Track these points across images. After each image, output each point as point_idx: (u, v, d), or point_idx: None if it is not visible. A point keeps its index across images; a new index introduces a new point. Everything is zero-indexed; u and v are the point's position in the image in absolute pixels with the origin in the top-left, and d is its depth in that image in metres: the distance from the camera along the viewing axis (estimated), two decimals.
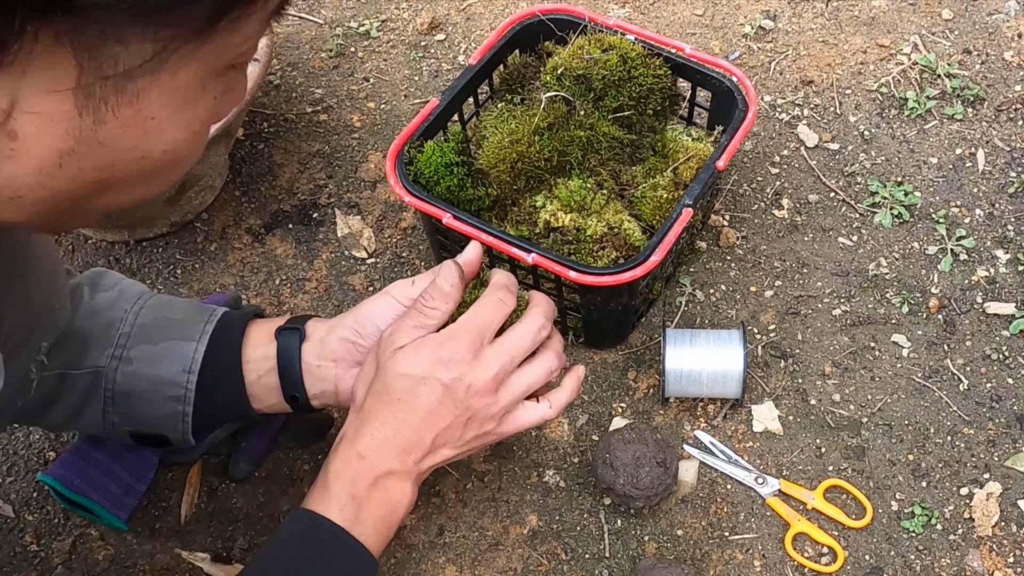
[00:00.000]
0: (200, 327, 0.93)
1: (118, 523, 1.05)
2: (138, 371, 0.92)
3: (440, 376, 0.83)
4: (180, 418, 0.93)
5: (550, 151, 1.16)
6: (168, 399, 0.92)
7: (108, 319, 0.93)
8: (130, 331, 0.93)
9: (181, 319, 0.94)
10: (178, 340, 0.92)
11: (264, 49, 1.23)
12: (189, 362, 0.91)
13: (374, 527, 0.83)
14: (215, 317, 0.94)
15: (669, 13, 1.51)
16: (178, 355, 0.91)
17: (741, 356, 1.09)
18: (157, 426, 0.94)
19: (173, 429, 0.94)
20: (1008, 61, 1.42)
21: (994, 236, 1.26)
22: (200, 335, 0.92)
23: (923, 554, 1.04)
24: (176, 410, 0.92)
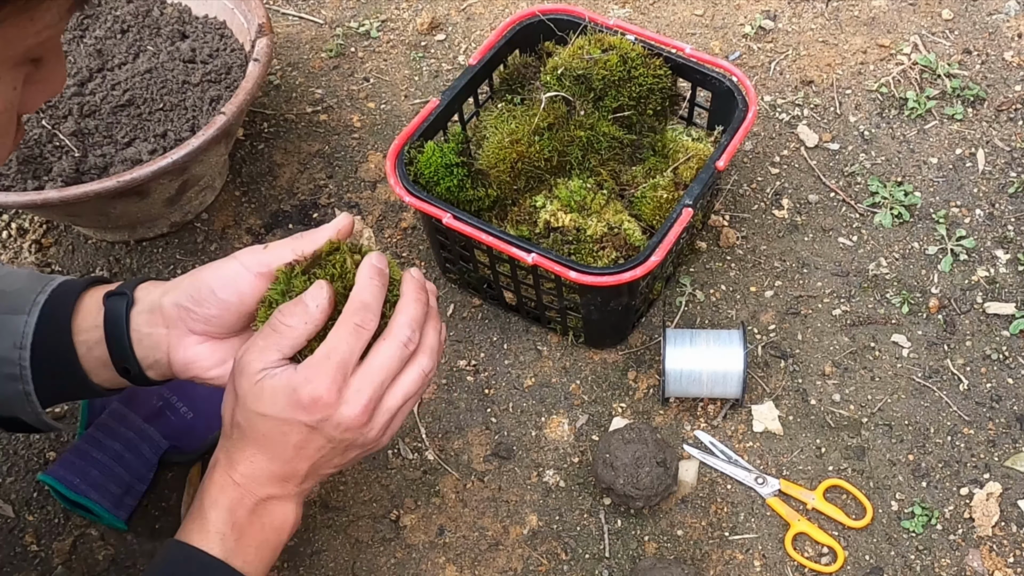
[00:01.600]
0: (31, 298, 0.85)
1: (118, 523, 1.05)
2: None
3: (303, 419, 0.76)
4: (23, 398, 0.85)
5: (550, 151, 1.16)
6: (5, 378, 0.84)
7: None
8: None
9: (14, 291, 0.86)
10: (8, 314, 0.84)
11: (264, 49, 1.23)
12: (20, 337, 0.84)
13: (257, 553, 0.78)
14: (49, 287, 0.86)
15: (669, 13, 1.51)
16: (8, 330, 0.84)
17: (741, 356, 1.09)
18: (6, 407, 0.87)
19: (23, 410, 0.87)
20: (1008, 61, 1.42)
21: (994, 236, 1.26)
22: (31, 307, 0.85)
23: (923, 554, 1.04)
24: (17, 389, 0.85)
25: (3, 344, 0.84)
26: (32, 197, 1.10)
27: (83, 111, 1.25)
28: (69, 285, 0.88)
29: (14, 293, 0.86)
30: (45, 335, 0.85)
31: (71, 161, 1.20)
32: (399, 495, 1.09)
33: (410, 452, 1.12)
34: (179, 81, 1.28)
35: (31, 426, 0.90)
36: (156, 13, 1.37)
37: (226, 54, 1.31)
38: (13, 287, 0.87)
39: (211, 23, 1.35)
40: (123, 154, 1.22)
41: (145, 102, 1.27)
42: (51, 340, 0.85)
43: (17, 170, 1.18)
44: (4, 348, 0.84)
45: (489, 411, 1.15)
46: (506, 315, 1.22)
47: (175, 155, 1.12)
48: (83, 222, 1.28)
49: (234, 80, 1.28)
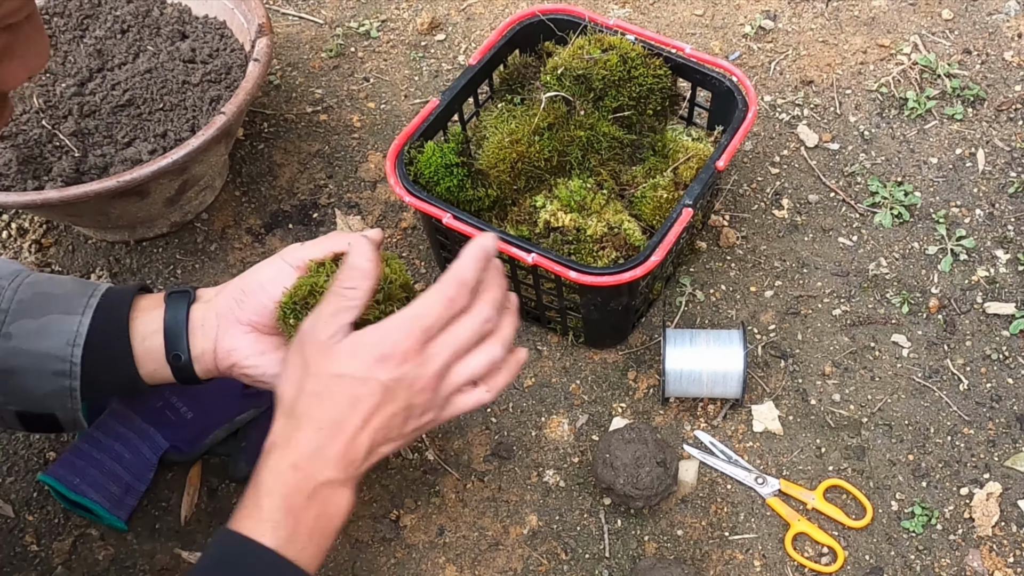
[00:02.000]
0: (84, 300, 0.90)
1: (118, 523, 1.05)
2: (19, 346, 0.88)
3: (380, 376, 0.77)
4: (68, 394, 0.89)
5: (550, 151, 1.16)
6: (53, 374, 0.88)
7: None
8: (8, 307, 0.90)
9: (63, 294, 0.91)
10: (61, 314, 0.89)
11: (264, 49, 1.23)
12: (73, 335, 0.88)
13: (311, 540, 0.78)
14: (99, 291, 0.91)
15: (669, 13, 1.51)
16: (61, 328, 0.88)
17: (741, 356, 1.09)
18: (44, 404, 0.91)
19: (62, 407, 0.91)
20: (1008, 61, 1.42)
21: (994, 236, 1.26)
22: (84, 308, 0.89)
23: (923, 554, 1.04)
24: (63, 385, 0.89)
25: (56, 342, 0.88)
26: (32, 197, 1.10)
27: (83, 111, 1.25)
28: (119, 289, 0.93)
29: (64, 296, 0.91)
30: (99, 333, 0.89)
31: (71, 161, 1.20)
32: (399, 495, 1.09)
33: (410, 452, 1.12)
34: (179, 81, 1.28)
35: (55, 425, 0.93)
36: (156, 13, 1.37)
37: (226, 54, 1.31)
38: (61, 291, 0.91)
39: (211, 23, 1.35)
40: (123, 154, 1.22)
41: (145, 102, 1.27)
42: (106, 337, 0.89)
43: (17, 170, 1.18)
44: (56, 346, 0.88)
45: (489, 411, 1.15)
46: None
47: (175, 155, 1.12)
48: (83, 222, 1.28)
49: (234, 80, 1.28)
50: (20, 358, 0.89)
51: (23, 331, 0.89)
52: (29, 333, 0.88)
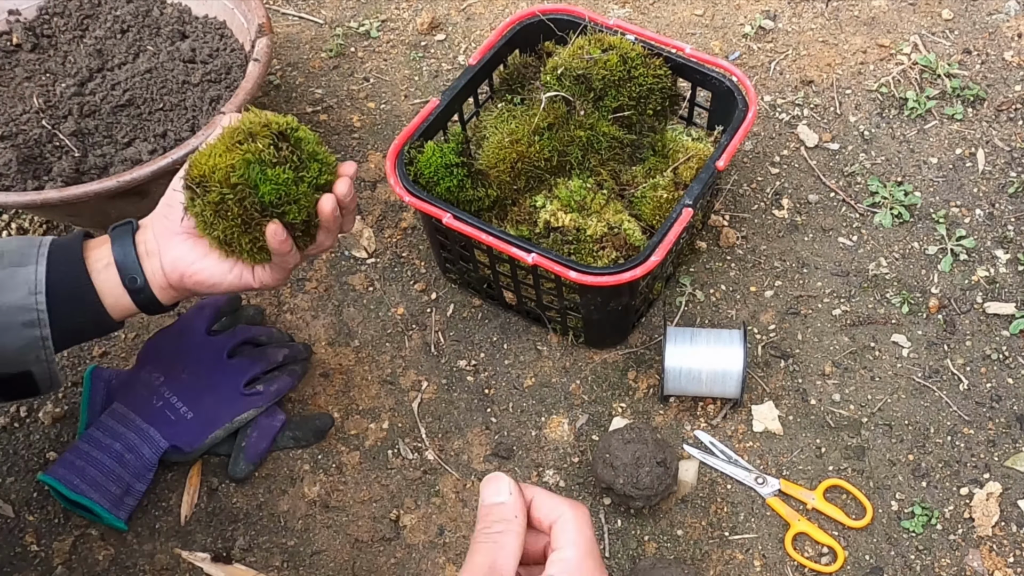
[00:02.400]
0: (34, 251, 0.91)
1: (118, 523, 1.05)
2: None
3: None
4: (40, 344, 0.89)
5: (550, 151, 1.16)
6: (22, 325, 0.88)
7: None
8: None
9: (11, 249, 0.91)
10: (15, 267, 0.89)
11: (264, 49, 1.23)
12: (33, 283, 0.89)
13: None
14: (45, 242, 0.92)
15: (669, 13, 1.51)
16: (19, 280, 0.89)
17: (741, 356, 1.09)
18: (18, 361, 0.90)
19: (36, 360, 0.90)
20: (1008, 61, 1.42)
21: (994, 236, 1.26)
22: (37, 257, 0.90)
23: (923, 554, 1.04)
24: (34, 336, 0.89)
25: (17, 294, 0.88)
26: (32, 197, 1.10)
27: (83, 111, 1.25)
28: (66, 237, 0.94)
29: (13, 251, 0.91)
30: (58, 277, 0.90)
31: (71, 161, 1.20)
32: (399, 495, 1.09)
33: (410, 452, 1.12)
34: (179, 81, 1.28)
35: (33, 387, 0.93)
36: (156, 13, 1.37)
37: (226, 54, 1.31)
38: (9, 247, 0.91)
39: (211, 23, 1.35)
40: (123, 154, 1.22)
41: (145, 102, 1.27)
42: (66, 280, 0.90)
43: (17, 170, 1.18)
44: (18, 297, 0.88)
45: (489, 411, 1.15)
46: (506, 315, 1.22)
47: (175, 155, 1.12)
48: (83, 222, 1.28)
49: (234, 80, 1.28)
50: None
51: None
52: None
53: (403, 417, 1.15)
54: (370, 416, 1.15)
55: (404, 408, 1.15)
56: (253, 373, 1.11)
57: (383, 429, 1.14)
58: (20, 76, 1.30)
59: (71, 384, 1.18)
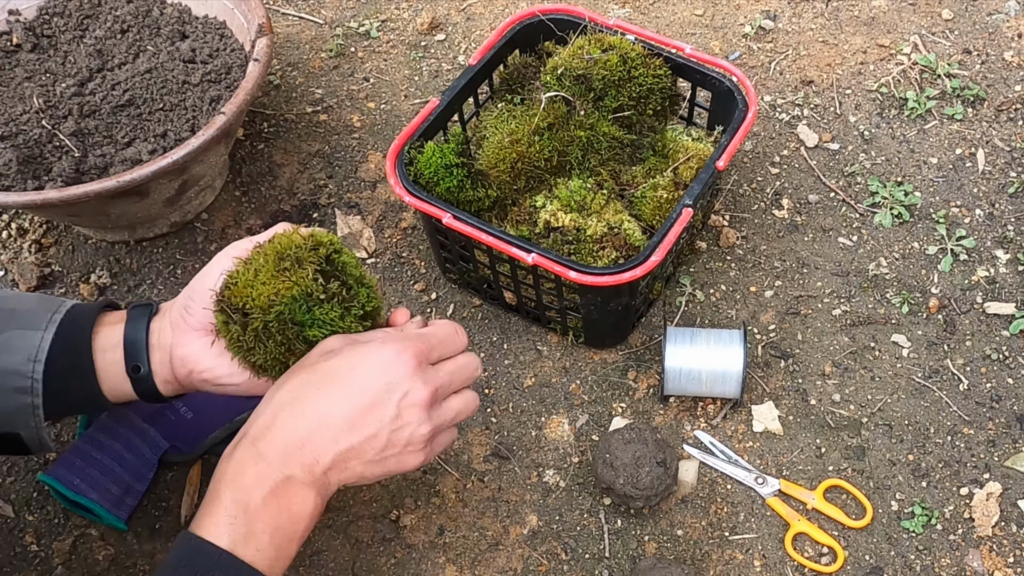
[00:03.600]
0: (47, 316, 0.88)
1: (118, 523, 1.05)
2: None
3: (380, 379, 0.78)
4: (30, 411, 0.87)
5: (550, 151, 1.16)
6: (14, 391, 0.86)
7: None
8: None
9: (27, 310, 0.89)
10: (22, 329, 0.87)
11: (264, 49, 1.23)
12: (35, 351, 0.86)
13: (271, 541, 0.76)
14: (64, 307, 0.90)
15: (669, 13, 1.51)
16: (22, 344, 0.86)
17: (741, 356, 1.09)
18: (7, 422, 0.88)
19: (25, 425, 0.88)
20: (1008, 61, 1.42)
21: (994, 236, 1.26)
22: (47, 324, 0.88)
23: (923, 554, 1.04)
24: (25, 403, 0.87)
25: (16, 358, 0.86)
26: (32, 197, 1.10)
27: (83, 111, 1.25)
28: (84, 306, 0.91)
29: (27, 312, 0.89)
30: (61, 349, 0.87)
31: (71, 161, 1.20)
32: (399, 495, 1.09)
33: None
34: (179, 81, 1.28)
35: (22, 447, 0.91)
36: (156, 13, 1.37)
37: (226, 54, 1.31)
38: (25, 306, 0.90)
39: (211, 23, 1.35)
40: (123, 154, 1.22)
41: (145, 102, 1.27)
42: (68, 353, 0.87)
43: (17, 170, 1.18)
44: (17, 362, 0.86)
45: (489, 411, 1.15)
46: (506, 315, 1.22)
47: (175, 155, 1.12)
48: (83, 222, 1.28)
49: (234, 80, 1.28)
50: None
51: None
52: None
53: None
54: None
55: None
56: None
57: None
58: (20, 76, 1.30)
59: None
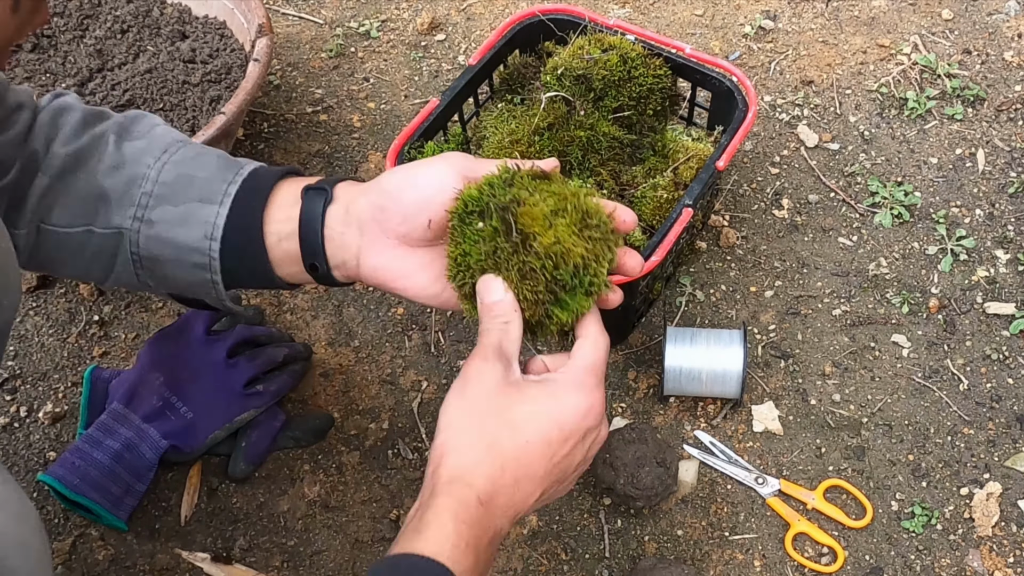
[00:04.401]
0: (223, 188, 0.85)
1: (118, 523, 1.05)
2: (160, 235, 0.85)
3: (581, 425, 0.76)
4: (210, 285, 0.86)
5: (550, 151, 1.16)
6: (192, 266, 0.85)
7: (130, 175, 0.86)
8: (152, 190, 0.86)
9: (205, 177, 0.86)
10: (200, 203, 0.85)
11: (264, 49, 1.23)
12: (211, 227, 0.84)
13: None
14: (240, 176, 0.86)
15: (669, 13, 1.51)
16: (199, 219, 0.84)
17: (741, 356, 1.09)
18: (191, 292, 0.89)
19: (207, 295, 0.88)
20: (1008, 61, 1.42)
21: (994, 236, 1.26)
22: (223, 197, 0.85)
23: (923, 554, 1.04)
24: (204, 278, 0.86)
25: (194, 233, 0.84)
26: None
27: None
28: (263, 173, 0.87)
29: (204, 180, 0.86)
30: (237, 226, 0.84)
31: None
32: (399, 495, 1.09)
33: (410, 452, 1.12)
34: (179, 81, 1.28)
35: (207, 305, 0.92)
36: (156, 13, 1.37)
37: (226, 54, 1.31)
38: (203, 173, 0.86)
39: (211, 23, 1.35)
40: None
41: (145, 102, 1.27)
42: (242, 232, 0.85)
43: None
44: (195, 238, 0.84)
45: None
46: None
47: None
48: None
49: (234, 80, 1.28)
50: (162, 247, 0.86)
51: (164, 218, 0.85)
52: (169, 222, 0.85)
53: (403, 417, 1.15)
54: (370, 416, 1.15)
55: (404, 408, 1.15)
56: (253, 373, 1.10)
57: (383, 429, 1.14)
58: (20, 76, 1.30)
59: (71, 384, 1.18)
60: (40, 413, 1.16)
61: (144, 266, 0.87)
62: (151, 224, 0.85)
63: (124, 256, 0.87)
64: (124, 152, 0.88)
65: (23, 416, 1.17)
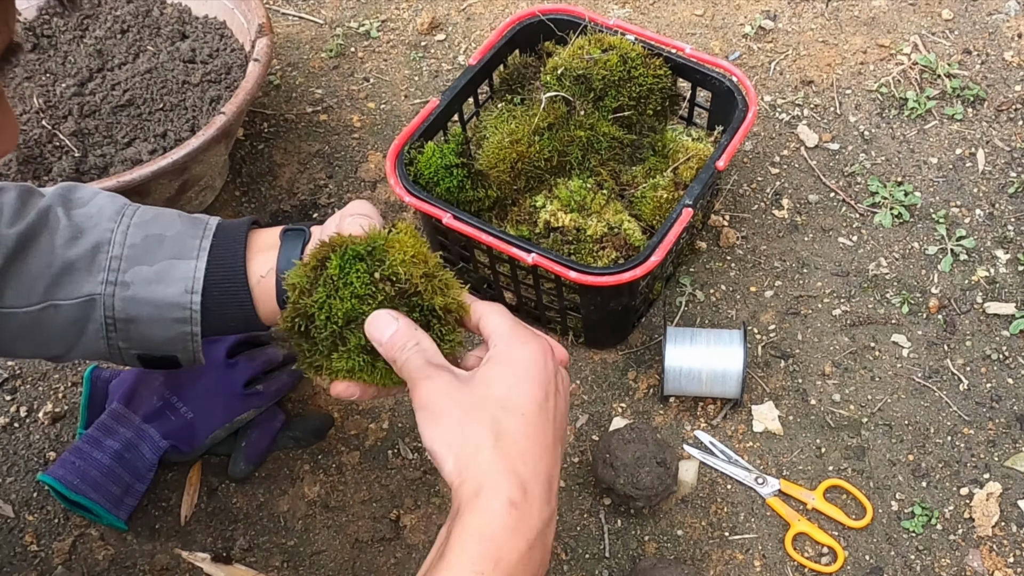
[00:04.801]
0: (196, 243, 0.88)
1: (118, 523, 1.05)
2: (136, 295, 0.87)
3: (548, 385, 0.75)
4: (188, 338, 0.89)
5: (550, 151, 1.16)
6: (173, 321, 0.87)
7: (94, 242, 0.88)
8: (121, 253, 0.87)
9: (174, 235, 0.89)
10: (175, 259, 0.87)
11: (264, 49, 1.23)
12: (191, 281, 0.86)
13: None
14: (210, 230, 0.89)
15: (669, 13, 1.51)
16: (177, 275, 0.87)
17: (741, 356, 1.09)
18: (165, 348, 0.90)
19: (183, 350, 0.90)
20: (1008, 61, 1.42)
21: (994, 236, 1.26)
22: (199, 252, 0.87)
23: (923, 554, 1.04)
24: (183, 331, 0.88)
25: (173, 289, 0.86)
26: None
27: (83, 111, 1.25)
28: (230, 224, 0.90)
29: (174, 238, 0.88)
30: (216, 278, 0.87)
31: (71, 161, 1.20)
32: (399, 495, 1.09)
33: (410, 452, 1.12)
34: (179, 81, 1.28)
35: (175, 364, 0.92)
36: (156, 13, 1.37)
37: (226, 54, 1.31)
38: (171, 231, 0.89)
39: (211, 23, 1.35)
40: (123, 154, 1.22)
41: (145, 102, 1.27)
42: (224, 282, 0.87)
43: (17, 170, 1.18)
44: (174, 293, 0.86)
45: None
46: None
47: (175, 155, 1.12)
48: None
49: (234, 80, 1.28)
50: (140, 307, 0.87)
51: (139, 278, 0.87)
52: (146, 281, 0.86)
53: (403, 417, 1.15)
54: (370, 416, 1.15)
55: (404, 408, 1.15)
56: (253, 373, 1.10)
57: (383, 429, 1.14)
58: (20, 76, 1.30)
59: (71, 384, 1.18)
60: (40, 413, 1.16)
61: (119, 329, 0.88)
62: (126, 286, 0.87)
63: (96, 324, 0.88)
64: (77, 221, 0.88)
65: (23, 416, 1.17)
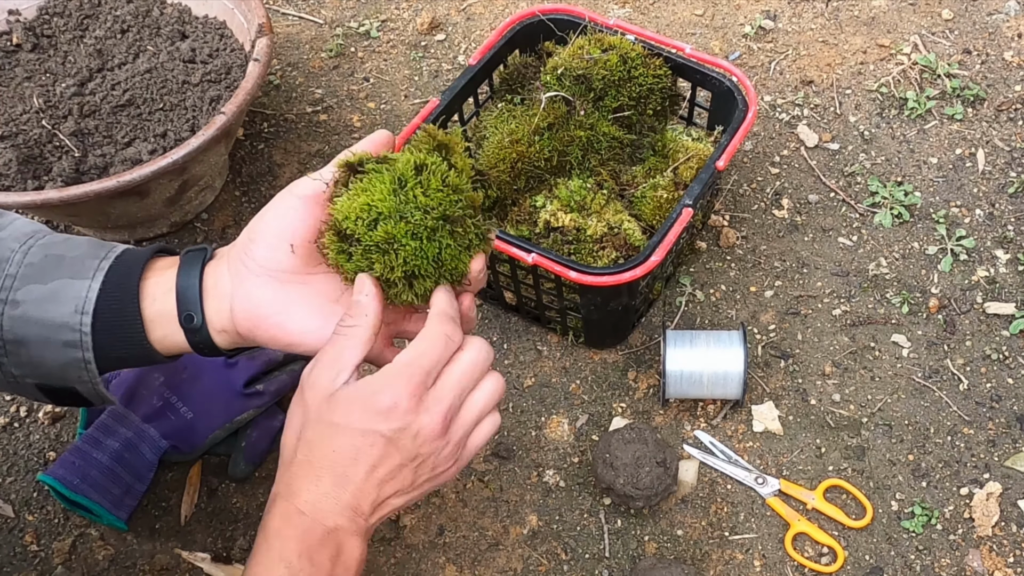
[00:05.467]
0: (95, 264, 0.81)
1: (118, 523, 1.05)
2: (26, 314, 0.80)
3: (380, 429, 0.73)
4: (82, 366, 0.81)
5: (550, 151, 1.16)
6: (63, 345, 0.80)
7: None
8: (16, 272, 0.81)
9: (75, 256, 0.82)
10: (70, 279, 0.80)
11: (264, 49, 1.23)
12: (82, 301, 0.79)
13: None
14: (113, 253, 0.83)
15: (669, 13, 1.51)
16: (69, 295, 0.80)
17: (741, 357, 1.09)
18: (61, 377, 0.83)
19: (79, 380, 0.82)
20: (1008, 61, 1.42)
21: (994, 236, 1.26)
22: (95, 272, 0.81)
23: (923, 554, 1.04)
24: (75, 357, 0.81)
25: (63, 309, 0.80)
26: (32, 197, 1.10)
27: (83, 111, 1.25)
28: (136, 250, 0.85)
29: (75, 259, 0.82)
30: (109, 299, 0.81)
31: (71, 161, 1.20)
32: None
33: None
34: (179, 81, 1.28)
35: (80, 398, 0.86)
36: (156, 13, 1.37)
37: (226, 54, 1.31)
38: (73, 253, 0.83)
39: (211, 23, 1.35)
40: (123, 154, 1.22)
41: (145, 102, 1.27)
42: (116, 303, 0.81)
43: (17, 170, 1.18)
44: (64, 313, 0.80)
45: None
46: (506, 315, 1.22)
47: (175, 155, 1.12)
48: (83, 222, 1.28)
49: (234, 80, 1.28)
50: (29, 327, 0.80)
51: (30, 297, 0.80)
52: (37, 299, 0.80)
53: None
54: None
55: None
56: (253, 373, 1.10)
57: None
58: (20, 76, 1.30)
59: None
60: (40, 413, 1.16)
61: (9, 352, 0.81)
62: (16, 304, 0.81)
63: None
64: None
65: (23, 416, 1.17)
